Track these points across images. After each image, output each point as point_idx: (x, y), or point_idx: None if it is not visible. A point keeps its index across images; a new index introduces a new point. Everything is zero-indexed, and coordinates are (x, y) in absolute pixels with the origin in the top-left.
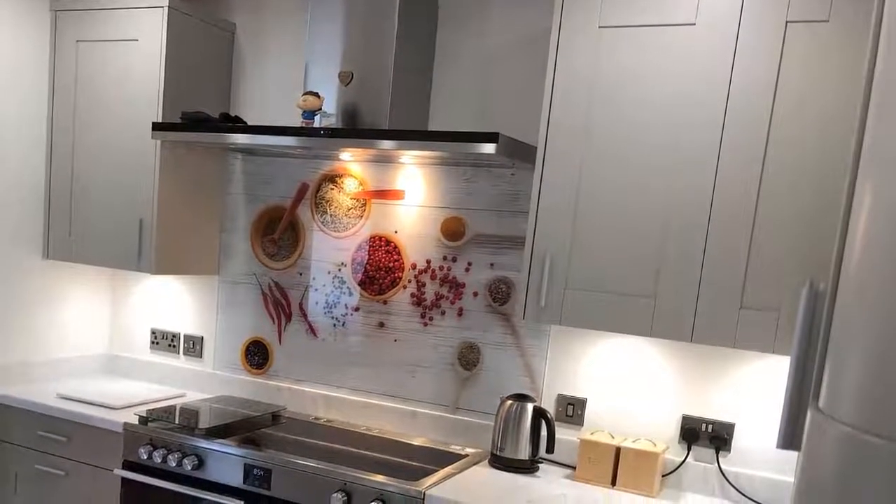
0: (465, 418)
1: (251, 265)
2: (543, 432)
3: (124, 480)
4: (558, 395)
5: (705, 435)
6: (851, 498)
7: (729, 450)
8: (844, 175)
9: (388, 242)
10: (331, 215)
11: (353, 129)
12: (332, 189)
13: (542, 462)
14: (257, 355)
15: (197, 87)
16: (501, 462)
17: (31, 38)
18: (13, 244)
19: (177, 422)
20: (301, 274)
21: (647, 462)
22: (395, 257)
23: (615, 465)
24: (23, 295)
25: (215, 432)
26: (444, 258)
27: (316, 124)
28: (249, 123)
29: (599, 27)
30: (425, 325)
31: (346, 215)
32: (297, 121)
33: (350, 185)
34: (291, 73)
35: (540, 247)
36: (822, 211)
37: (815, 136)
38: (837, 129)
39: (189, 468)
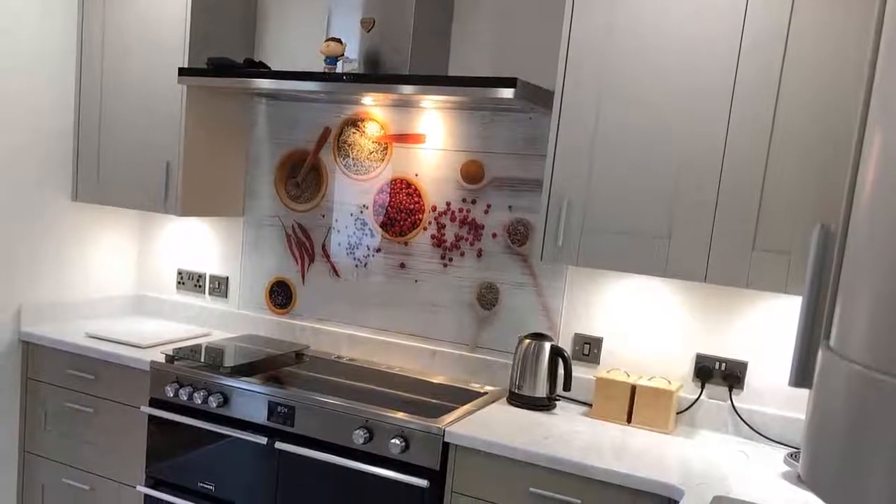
0: (484, 357)
1: (275, 207)
2: (560, 371)
3: (151, 418)
4: (575, 334)
5: (719, 373)
6: (861, 434)
7: (742, 388)
8: (856, 118)
9: (409, 185)
10: (353, 158)
11: (375, 75)
12: (354, 133)
13: (559, 400)
14: (281, 295)
15: (222, 33)
16: (519, 400)
17: None
18: (43, 187)
19: (202, 360)
20: (324, 216)
21: (661, 400)
22: (416, 199)
23: (630, 402)
24: (52, 237)
25: (240, 370)
26: (464, 200)
27: (338, 70)
28: (273, 69)
29: None
30: (445, 265)
31: (367, 159)
32: (320, 67)
33: (372, 129)
34: (315, 20)
35: (557, 189)
36: (833, 154)
37: (828, 78)
38: (850, 71)
39: (214, 406)
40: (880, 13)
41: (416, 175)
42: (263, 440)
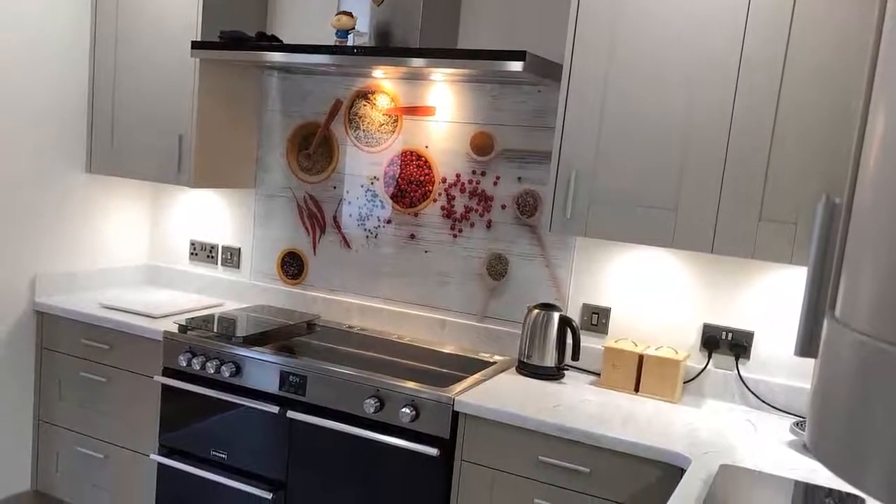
0: (494, 327)
1: (287, 179)
2: (569, 340)
3: (164, 387)
4: (583, 304)
5: (725, 343)
6: (866, 403)
7: (748, 357)
8: (861, 91)
9: (419, 157)
10: (364, 131)
11: (385, 48)
12: (365, 105)
13: (567, 369)
14: (293, 266)
15: (235, 7)
16: (528, 369)
17: None
18: (57, 158)
19: (215, 330)
20: (335, 187)
21: (668, 369)
22: (426, 171)
23: (638, 371)
24: (67, 207)
25: (252, 340)
26: (473, 172)
27: (349, 43)
28: (285, 42)
29: None
30: (455, 236)
31: (378, 131)
32: (331, 40)
33: (382, 102)
34: None
35: (565, 161)
36: (839, 126)
37: (834, 50)
38: (856, 42)
39: (227, 375)
40: None
41: (427, 147)
42: (275, 409)
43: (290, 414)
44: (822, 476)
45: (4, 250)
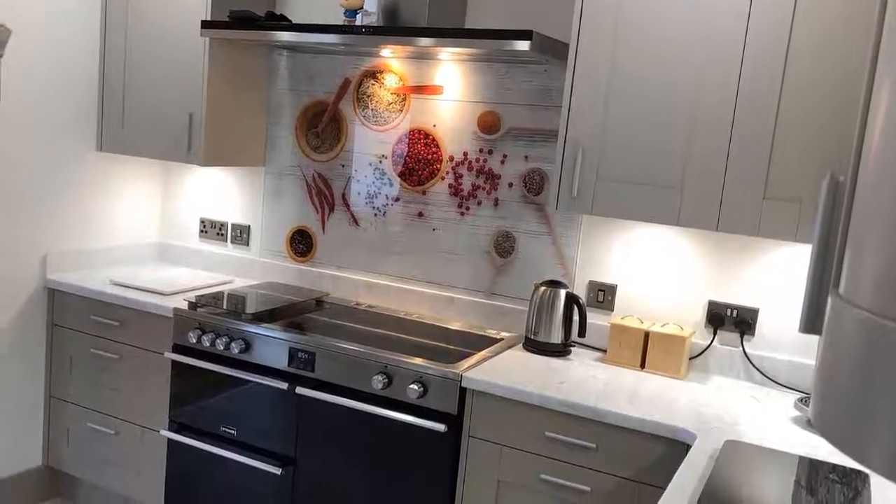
0: (501, 304)
1: (296, 157)
2: (575, 317)
3: (174, 363)
4: (590, 281)
5: (730, 320)
6: (870, 379)
7: (753, 334)
8: (866, 69)
9: (427, 135)
10: (372, 109)
11: (393, 27)
12: (374, 84)
13: (574, 346)
14: (301, 243)
15: None
16: (535, 345)
17: None
18: (68, 137)
19: (224, 307)
20: (343, 166)
21: (674, 345)
22: (434, 150)
23: (644, 348)
24: (77, 186)
25: (261, 317)
26: (481, 150)
27: (358, 22)
28: (294, 22)
29: None
30: (462, 214)
31: (386, 109)
32: (339, 19)
33: (390, 81)
34: None
35: (572, 140)
36: (843, 105)
37: (839, 29)
38: (861, 21)
39: (236, 351)
40: None
41: (434, 126)
42: (284, 385)
43: (299, 390)
44: (825, 451)
45: (16, 228)
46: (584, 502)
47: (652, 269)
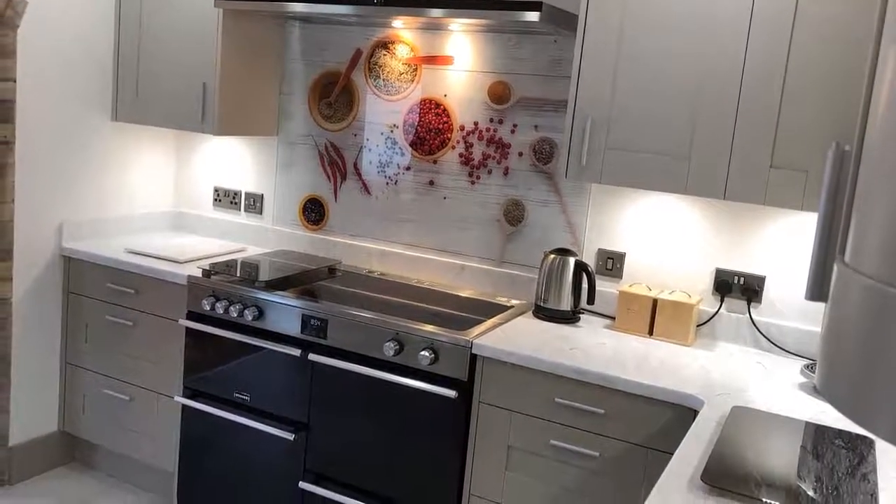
0: (511, 271)
1: (308, 127)
2: (584, 285)
3: (188, 330)
4: (598, 249)
5: (737, 287)
6: (875, 346)
7: (760, 301)
8: (872, 38)
9: (438, 105)
10: (383, 80)
11: None
12: (385, 55)
13: (583, 313)
14: (314, 212)
15: None
16: (545, 313)
17: None
18: (84, 107)
19: (238, 275)
20: (355, 135)
21: (682, 313)
22: (445, 119)
23: (652, 315)
24: (93, 155)
25: (274, 284)
26: (491, 120)
27: None
28: None
29: None
30: (473, 183)
31: (398, 80)
32: None
33: (402, 51)
34: None
35: (581, 109)
36: (850, 74)
37: None
38: None
39: (249, 319)
40: None
41: (445, 96)
42: (297, 352)
43: (312, 357)
44: (831, 417)
45: (32, 197)
46: (593, 467)
47: (660, 237)
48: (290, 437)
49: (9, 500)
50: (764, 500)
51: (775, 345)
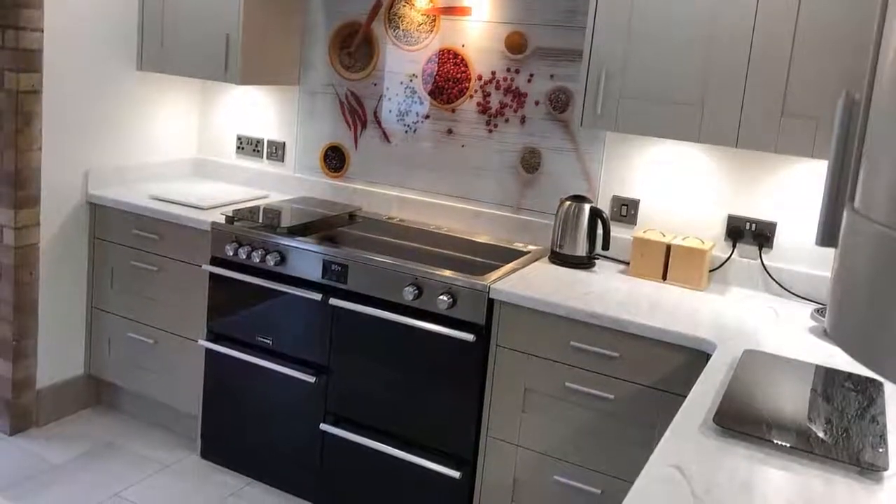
0: (527, 218)
1: (329, 76)
2: (599, 231)
3: (212, 275)
4: (613, 196)
5: (749, 233)
6: (883, 290)
7: (771, 247)
8: None
9: (456, 55)
10: (403, 30)
11: None
12: (405, 6)
13: (598, 258)
14: (335, 159)
15: None
16: (560, 258)
17: None
18: (109, 57)
19: (260, 221)
20: (375, 84)
21: (695, 258)
22: (463, 69)
23: (666, 260)
24: (118, 104)
25: (296, 230)
26: (508, 70)
27: None
28: None
29: None
30: (490, 131)
31: (417, 30)
32: None
33: (421, 2)
34: None
35: (596, 59)
36: (860, 23)
37: None
38: None
39: (272, 264)
40: None
41: (463, 46)
42: (318, 296)
43: (332, 301)
44: (841, 360)
45: (59, 145)
46: (608, 409)
47: (673, 184)
48: (311, 379)
49: (37, 440)
50: (775, 441)
51: (786, 289)
